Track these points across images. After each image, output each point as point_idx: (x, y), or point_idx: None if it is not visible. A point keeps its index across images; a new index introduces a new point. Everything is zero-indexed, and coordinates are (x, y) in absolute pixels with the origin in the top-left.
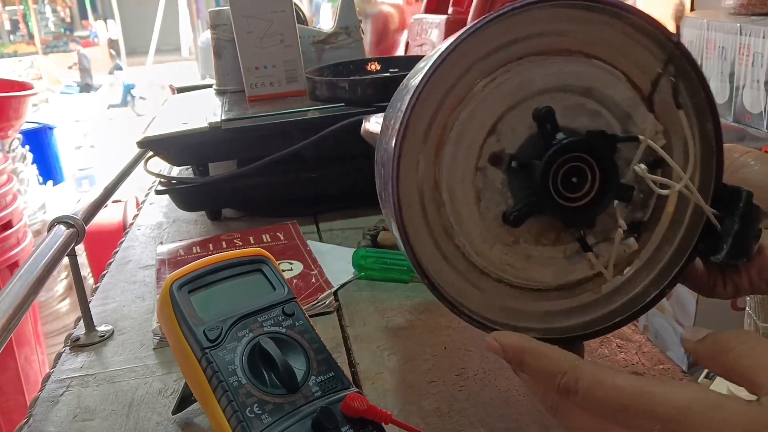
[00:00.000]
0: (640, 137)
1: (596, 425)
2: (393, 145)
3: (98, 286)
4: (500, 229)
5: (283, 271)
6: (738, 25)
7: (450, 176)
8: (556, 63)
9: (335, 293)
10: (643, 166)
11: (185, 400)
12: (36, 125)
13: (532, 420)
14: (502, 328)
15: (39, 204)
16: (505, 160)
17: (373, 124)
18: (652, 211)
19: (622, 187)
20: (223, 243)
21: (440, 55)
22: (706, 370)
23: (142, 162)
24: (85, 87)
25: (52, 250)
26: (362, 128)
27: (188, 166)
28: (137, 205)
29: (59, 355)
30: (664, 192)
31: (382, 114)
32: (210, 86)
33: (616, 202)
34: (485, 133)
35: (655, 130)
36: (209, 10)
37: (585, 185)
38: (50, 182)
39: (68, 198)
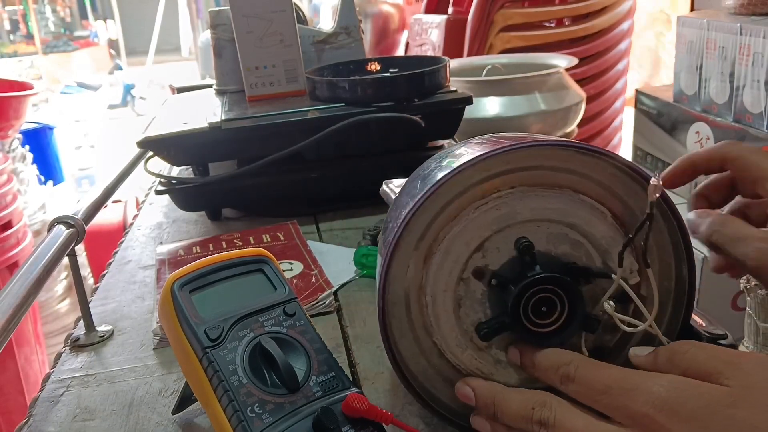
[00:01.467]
0: (613, 276)
1: None
2: (387, 247)
3: (98, 287)
4: (474, 335)
5: (283, 271)
6: (738, 25)
7: (435, 283)
8: (544, 197)
9: (335, 293)
10: (611, 303)
11: (185, 400)
12: (36, 125)
13: None
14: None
15: (39, 204)
16: (488, 275)
17: (390, 191)
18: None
19: (589, 319)
20: (223, 243)
21: (447, 173)
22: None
23: (142, 162)
24: None
25: (52, 250)
26: (381, 189)
27: (188, 166)
28: (137, 205)
29: (59, 356)
30: (631, 330)
31: (403, 180)
32: (210, 86)
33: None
34: (472, 250)
35: (631, 268)
36: (209, 10)
37: (554, 314)
38: (50, 182)
39: (68, 198)
